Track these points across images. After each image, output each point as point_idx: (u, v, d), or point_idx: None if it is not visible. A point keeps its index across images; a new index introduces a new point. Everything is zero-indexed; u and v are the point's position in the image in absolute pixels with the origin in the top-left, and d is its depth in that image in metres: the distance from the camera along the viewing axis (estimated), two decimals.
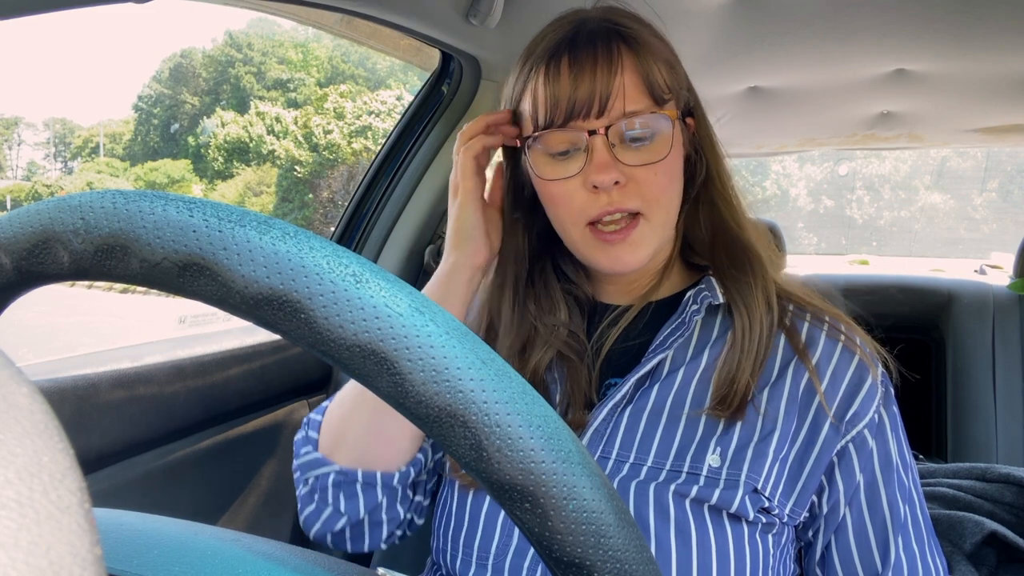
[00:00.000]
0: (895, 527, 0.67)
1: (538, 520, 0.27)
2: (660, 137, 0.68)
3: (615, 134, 0.67)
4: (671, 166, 0.69)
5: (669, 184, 0.70)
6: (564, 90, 0.67)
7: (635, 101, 0.67)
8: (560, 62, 0.68)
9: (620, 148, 0.68)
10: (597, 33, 0.68)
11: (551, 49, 0.69)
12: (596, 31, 0.69)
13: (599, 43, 0.67)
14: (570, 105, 0.67)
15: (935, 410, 1.74)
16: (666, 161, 0.68)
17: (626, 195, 0.68)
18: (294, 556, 0.33)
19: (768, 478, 0.65)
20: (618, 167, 0.67)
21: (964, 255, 20.07)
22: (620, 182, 0.67)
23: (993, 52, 1.29)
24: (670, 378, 0.70)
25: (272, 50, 33.19)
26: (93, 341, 10.94)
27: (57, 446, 0.15)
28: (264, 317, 0.26)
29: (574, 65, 0.67)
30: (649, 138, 0.68)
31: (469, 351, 0.26)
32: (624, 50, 0.68)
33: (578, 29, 0.69)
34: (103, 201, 0.27)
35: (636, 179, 0.68)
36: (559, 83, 0.67)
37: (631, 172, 0.68)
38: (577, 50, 0.68)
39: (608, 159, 0.67)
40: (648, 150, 0.68)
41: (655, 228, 0.70)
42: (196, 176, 28.77)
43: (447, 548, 0.72)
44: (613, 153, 0.67)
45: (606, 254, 0.70)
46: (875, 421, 0.68)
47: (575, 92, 0.66)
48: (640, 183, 0.68)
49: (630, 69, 0.67)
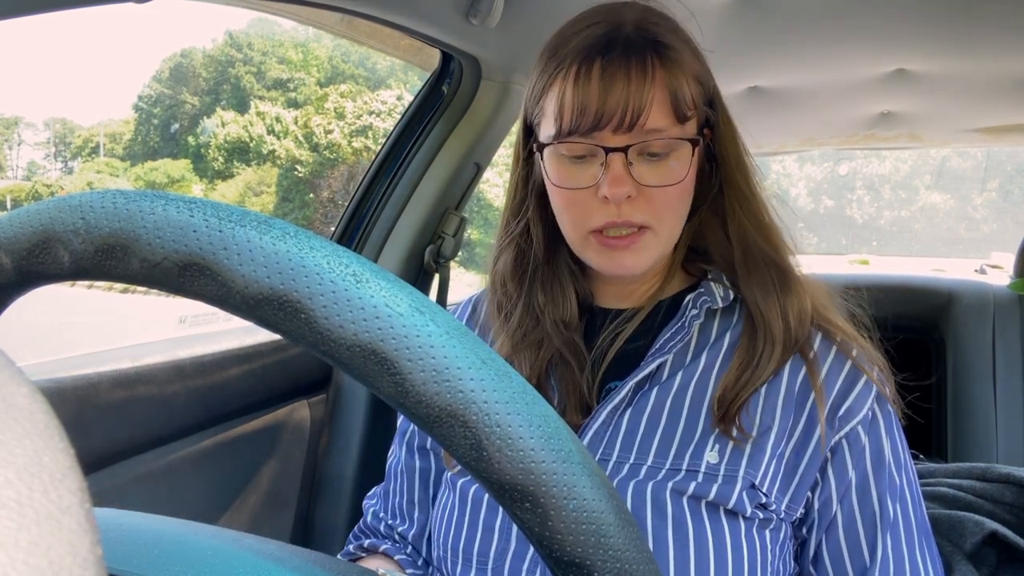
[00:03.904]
0: (884, 525, 0.67)
1: (538, 520, 0.27)
2: (678, 158, 0.68)
3: (634, 152, 0.67)
4: (684, 186, 0.69)
5: (679, 202, 0.70)
6: (593, 98, 0.65)
7: (660, 119, 0.66)
8: (592, 67, 0.66)
9: (636, 163, 0.67)
10: (631, 42, 0.66)
11: (584, 50, 0.67)
12: (632, 39, 0.67)
13: (633, 55, 0.65)
14: (597, 116, 0.65)
15: (935, 410, 1.74)
16: (681, 183, 0.68)
17: (635, 208, 0.68)
18: (294, 556, 0.33)
19: (765, 474, 0.66)
20: (632, 183, 0.67)
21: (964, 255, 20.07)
22: (632, 196, 0.67)
23: (993, 52, 1.29)
24: (669, 381, 0.71)
25: (272, 50, 33.19)
26: (93, 341, 10.94)
27: (57, 446, 0.15)
28: (264, 317, 0.26)
29: (606, 73, 0.65)
30: (667, 156, 0.67)
31: (469, 351, 0.26)
32: (657, 64, 0.66)
33: (614, 34, 0.67)
34: (103, 201, 0.27)
35: (648, 195, 0.68)
36: (588, 89, 0.65)
37: (644, 188, 0.68)
38: (611, 57, 0.65)
39: (623, 174, 0.66)
40: (664, 169, 0.68)
41: (660, 240, 0.70)
42: (196, 176, 28.76)
43: (446, 554, 0.72)
44: (629, 170, 0.67)
45: (609, 258, 0.70)
46: (869, 417, 0.68)
47: (604, 103, 0.65)
48: (651, 199, 0.68)
49: (660, 85, 0.66)
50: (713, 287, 0.74)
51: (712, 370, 0.70)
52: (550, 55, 0.70)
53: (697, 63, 0.70)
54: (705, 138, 0.73)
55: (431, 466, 0.82)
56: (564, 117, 0.67)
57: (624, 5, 0.71)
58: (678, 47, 0.68)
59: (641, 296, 0.77)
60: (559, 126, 0.68)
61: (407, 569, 0.78)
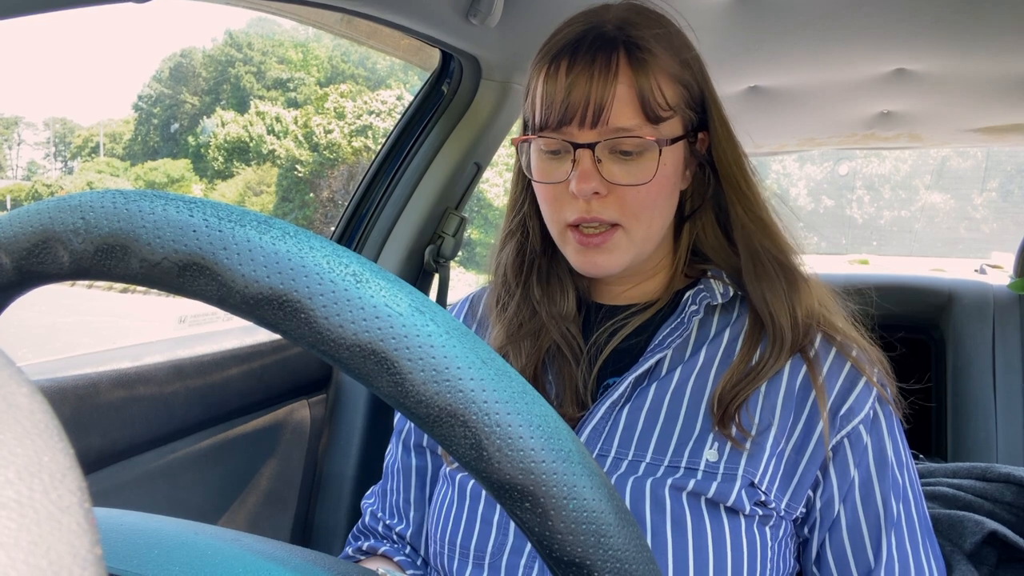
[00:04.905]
0: (888, 525, 0.67)
1: (538, 520, 0.27)
2: (646, 159, 0.68)
3: (601, 149, 0.67)
4: (656, 187, 0.69)
5: (653, 202, 0.70)
6: (558, 95, 0.67)
7: (626, 117, 0.67)
8: (560, 65, 0.68)
9: (607, 161, 0.68)
10: (602, 40, 0.67)
11: (556, 50, 0.69)
12: (602, 37, 0.68)
13: (599, 52, 0.67)
14: (561, 111, 0.67)
15: (935, 410, 1.74)
16: (650, 184, 0.68)
17: (605, 206, 0.69)
18: (294, 556, 0.33)
19: (765, 472, 0.66)
20: (600, 179, 0.68)
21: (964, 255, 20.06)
22: (600, 193, 0.68)
23: (993, 52, 1.29)
24: (668, 377, 0.71)
25: (272, 50, 33.19)
26: (93, 341, 10.94)
27: (57, 446, 0.15)
28: (264, 317, 0.26)
29: (571, 71, 0.67)
30: (638, 155, 0.68)
31: (469, 351, 0.26)
32: (623, 62, 0.67)
33: (586, 33, 0.69)
34: (103, 201, 0.27)
35: (619, 193, 0.68)
36: (555, 85, 0.67)
37: (614, 186, 0.68)
38: (577, 56, 0.67)
39: (591, 170, 0.67)
40: (634, 168, 0.68)
41: (633, 240, 0.70)
42: (196, 176, 28.77)
43: (443, 549, 0.72)
44: (597, 167, 0.68)
45: (582, 256, 0.71)
46: (870, 417, 0.69)
47: (567, 98, 0.66)
48: (621, 197, 0.68)
49: (625, 83, 0.66)
50: (713, 284, 0.74)
51: (711, 366, 0.71)
52: (537, 55, 0.72)
53: (675, 64, 0.69)
54: (700, 141, 0.73)
55: (427, 464, 0.82)
56: (536, 113, 0.69)
57: (614, 6, 0.72)
58: (652, 46, 0.68)
59: (639, 294, 0.78)
60: (532, 121, 0.71)
61: (407, 570, 0.79)
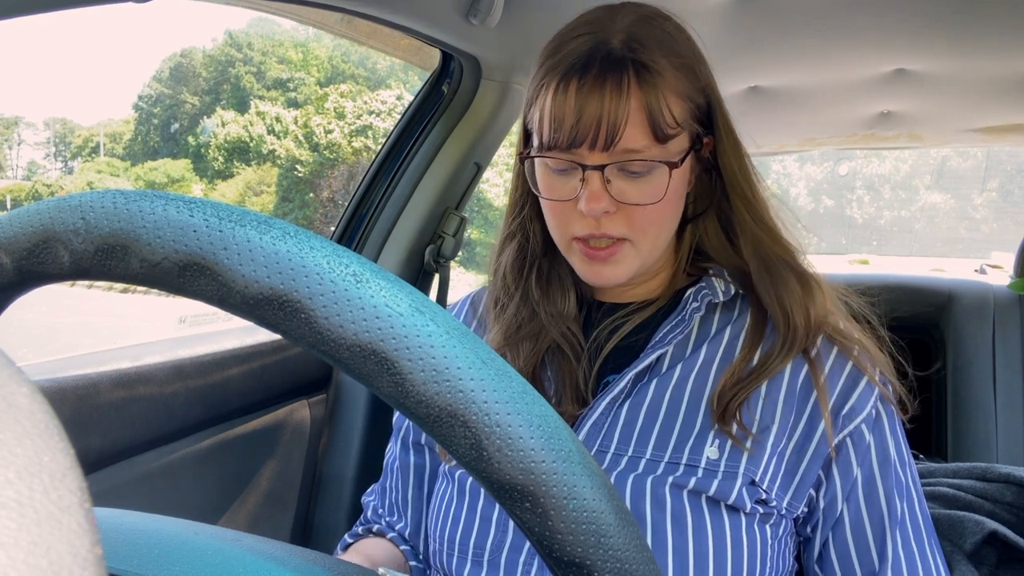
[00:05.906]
0: (892, 524, 0.67)
1: (538, 520, 0.27)
2: (656, 176, 0.68)
3: (611, 169, 0.67)
4: (665, 203, 0.69)
5: (661, 217, 0.70)
6: (568, 117, 0.66)
7: (636, 139, 0.66)
8: (569, 84, 0.67)
9: (615, 180, 0.68)
10: (610, 60, 0.66)
11: (564, 68, 0.67)
12: (610, 57, 0.66)
13: (609, 74, 0.66)
14: (572, 134, 0.66)
15: (935, 410, 1.74)
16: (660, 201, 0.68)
17: (614, 223, 0.69)
18: (294, 556, 0.33)
19: (766, 471, 0.66)
20: (609, 199, 0.68)
21: (964, 255, 20.07)
22: (610, 211, 0.68)
23: (993, 52, 1.29)
24: (668, 373, 0.71)
25: (272, 50, 33.18)
26: (93, 341, 10.94)
27: (57, 446, 0.15)
28: (264, 317, 0.26)
29: (580, 91, 0.66)
30: (647, 174, 0.68)
31: (469, 351, 0.26)
32: (633, 85, 0.66)
33: (594, 51, 0.67)
34: (103, 201, 0.27)
35: (627, 210, 0.69)
36: (565, 106, 0.66)
37: (623, 204, 0.68)
38: (586, 76, 0.66)
39: (600, 191, 0.67)
40: (644, 186, 0.68)
41: (641, 253, 0.71)
42: (196, 176, 28.76)
43: (442, 547, 0.72)
44: (607, 187, 0.68)
45: (589, 268, 0.71)
46: (873, 416, 0.69)
47: (578, 123, 0.66)
48: (631, 214, 0.69)
49: (637, 105, 0.66)
50: (714, 282, 0.74)
51: (712, 363, 0.71)
52: (542, 62, 0.71)
53: (682, 80, 0.69)
54: (705, 145, 0.73)
55: (426, 462, 0.83)
56: (545, 130, 0.69)
57: (619, 11, 0.71)
58: (661, 67, 0.67)
59: (640, 292, 0.78)
60: (540, 139, 0.70)
61: (409, 561, 0.79)
